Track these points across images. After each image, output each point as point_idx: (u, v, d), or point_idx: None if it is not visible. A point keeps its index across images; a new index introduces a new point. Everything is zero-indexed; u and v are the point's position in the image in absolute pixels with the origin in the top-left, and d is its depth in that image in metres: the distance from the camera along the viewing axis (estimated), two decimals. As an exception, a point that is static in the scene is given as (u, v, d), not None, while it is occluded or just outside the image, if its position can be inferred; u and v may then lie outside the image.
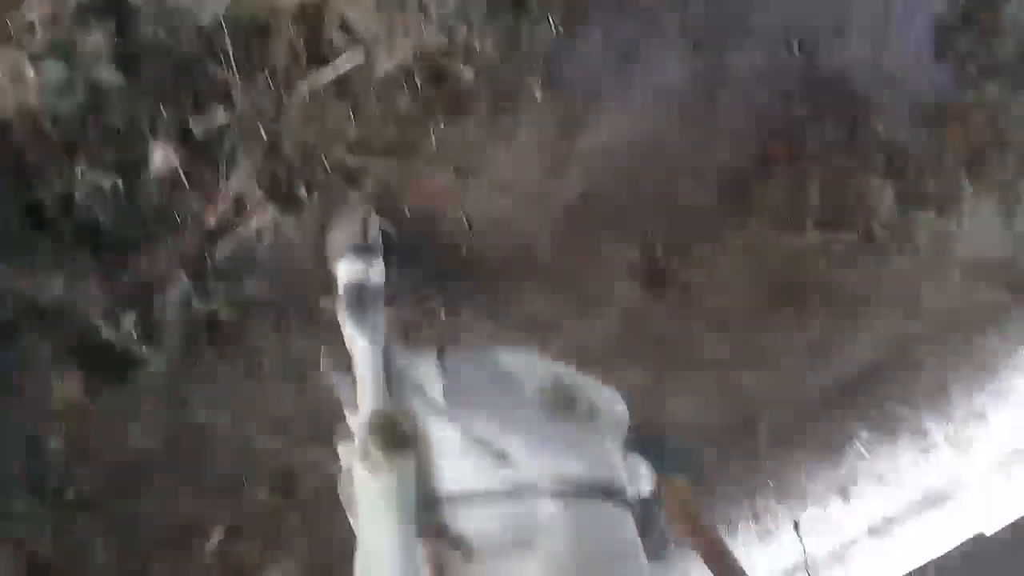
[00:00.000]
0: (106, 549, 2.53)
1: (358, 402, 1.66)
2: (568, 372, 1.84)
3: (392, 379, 1.68)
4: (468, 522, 1.57)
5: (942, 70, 2.44)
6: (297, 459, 2.55)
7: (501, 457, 1.59)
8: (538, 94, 2.16)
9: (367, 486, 1.53)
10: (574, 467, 1.62)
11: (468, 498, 1.58)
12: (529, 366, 1.81)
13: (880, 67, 2.42)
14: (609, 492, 1.66)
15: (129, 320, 2.04)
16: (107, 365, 2.10)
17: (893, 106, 2.47)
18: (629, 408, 1.96)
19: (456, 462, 1.61)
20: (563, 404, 1.73)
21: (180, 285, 2.04)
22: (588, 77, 2.23)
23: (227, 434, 2.46)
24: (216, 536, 2.69)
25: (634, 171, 2.44)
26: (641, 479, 1.96)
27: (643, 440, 1.97)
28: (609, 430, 1.80)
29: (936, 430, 3.75)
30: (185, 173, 1.91)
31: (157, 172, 1.87)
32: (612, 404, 1.87)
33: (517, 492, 1.57)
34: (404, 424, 1.60)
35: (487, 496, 1.58)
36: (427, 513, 1.57)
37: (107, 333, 2.04)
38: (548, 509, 1.56)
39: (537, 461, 1.58)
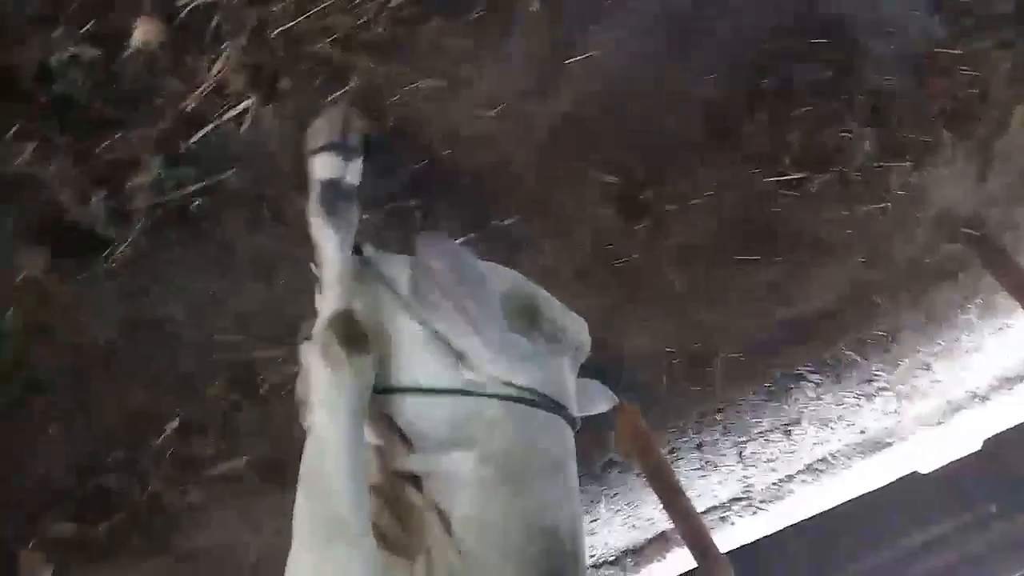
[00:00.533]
0: (59, 433, 2.51)
1: (322, 299, 1.66)
2: (540, 292, 1.86)
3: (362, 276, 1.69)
4: (416, 415, 1.62)
5: (937, 21, 2.44)
6: (258, 356, 2.54)
7: (459, 357, 1.61)
8: (535, 5, 2.11)
9: (324, 381, 1.55)
10: (526, 378, 1.65)
11: (421, 392, 1.62)
12: (501, 277, 1.83)
13: (877, 12, 2.41)
14: (555, 406, 1.70)
15: (98, 200, 1.98)
16: (73, 245, 2.04)
17: (884, 54, 2.48)
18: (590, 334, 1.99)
19: (415, 357, 1.64)
20: (527, 318, 1.76)
21: (153, 169, 1.98)
22: (587, -7, 2.19)
23: (190, 326, 2.43)
24: (170, 428, 2.68)
25: (622, 97, 2.42)
26: (598, 402, 2.00)
27: (598, 368, 2.01)
28: (568, 353, 1.83)
29: (883, 377, 3.88)
30: (166, 52, 1.83)
31: (137, 48, 1.79)
32: (576, 330, 1.91)
33: (467, 392, 1.61)
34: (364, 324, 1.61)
35: (439, 393, 1.62)
36: (379, 403, 1.61)
37: (75, 212, 1.98)
38: (493, 412, 1.61)
39: (492, 366, 1.62)
